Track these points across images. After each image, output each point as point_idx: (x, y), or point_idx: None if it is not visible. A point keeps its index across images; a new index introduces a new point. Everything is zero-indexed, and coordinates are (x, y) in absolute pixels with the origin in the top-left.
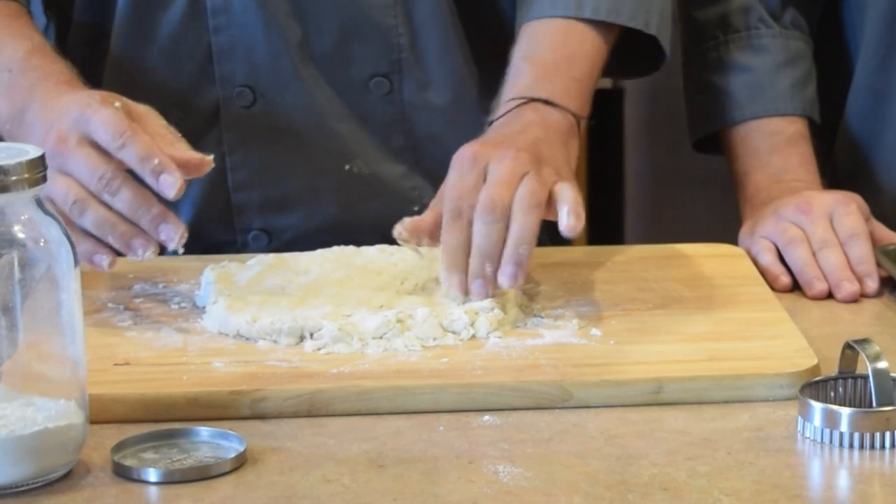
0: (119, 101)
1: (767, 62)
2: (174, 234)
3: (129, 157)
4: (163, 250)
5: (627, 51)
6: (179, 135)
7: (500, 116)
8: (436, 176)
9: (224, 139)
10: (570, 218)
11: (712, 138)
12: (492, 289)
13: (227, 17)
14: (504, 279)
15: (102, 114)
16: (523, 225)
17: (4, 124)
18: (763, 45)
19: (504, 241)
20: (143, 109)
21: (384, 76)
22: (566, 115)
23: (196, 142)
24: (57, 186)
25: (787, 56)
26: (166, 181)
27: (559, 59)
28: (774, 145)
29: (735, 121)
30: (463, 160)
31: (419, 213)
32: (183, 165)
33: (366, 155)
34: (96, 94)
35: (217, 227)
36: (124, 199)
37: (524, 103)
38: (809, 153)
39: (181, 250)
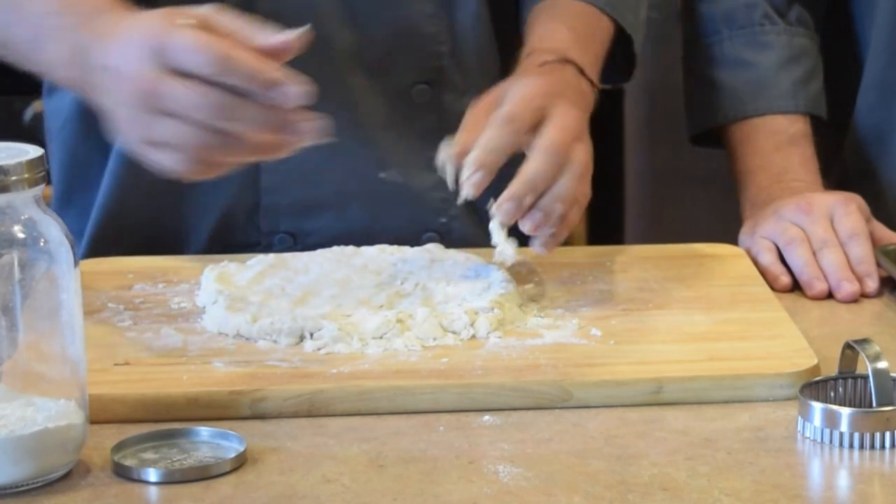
0: (183, 17)
1: (771, 59)
2: (315, 127)
3: (236, 79)
4: None
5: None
6: (252, 21)
7: (542, 64)
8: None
9: None
10: (546, 246)
11: (710, 133)
12: (511, 220)
13: (277, 22)
14: (528, 223)
15: (182, 40)
16: (568, 187)
17: (68, 70)
18: (767, 42)
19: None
20: (206, 11)
21: (426, 83)
22: (590, 87)
23: None
24: (166, 130)
25: (791, 53)
26: (289, 92)
27: (585, 34)
28: (776, 144)
29: (737, 117)
30: (533, 90)
31: (446, 224)
32: (280, 52)
33: (401, 164)
34: (157, 16)
35: (243, 227)
36: (248, 117)
37: (564, 62)
38: (811, 153)
39: (330, 138)
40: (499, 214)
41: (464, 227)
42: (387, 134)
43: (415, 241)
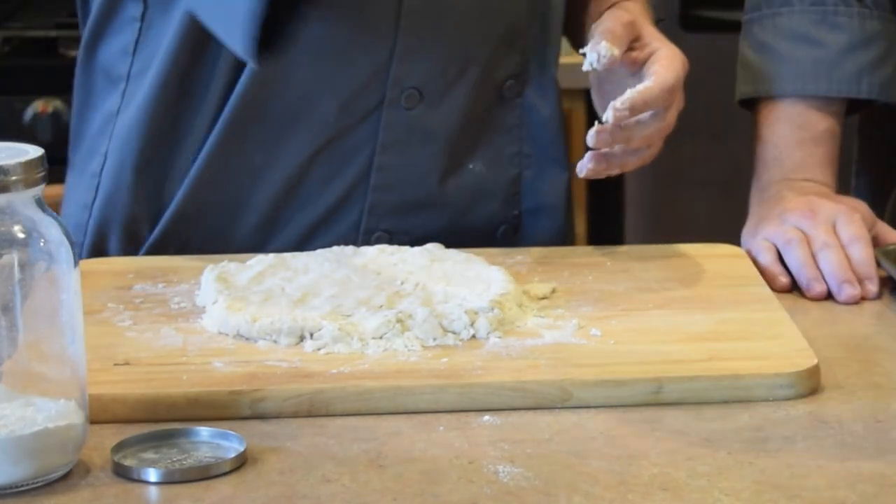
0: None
1: (841, 41)
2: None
3: None
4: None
5: None
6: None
7: (658, 22)
8: (533, 182)
9: (380, 138)
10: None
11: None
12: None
13: (421, 19)
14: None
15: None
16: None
17: None
18: (839, 23)
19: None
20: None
21: (515, 79)
22: None
23: (347, 138)
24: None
25: (861, 37)
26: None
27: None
28: (800, 140)
29: (797, 92)
30: (680, 65)
31: (517, 216)
32: None
33: (485, 157)
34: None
35: (343, 224)
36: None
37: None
38: (833, 154)
39: None
40: (609, 113)
41: (530, 220)
42: (476, 126)
43: (491, 236)
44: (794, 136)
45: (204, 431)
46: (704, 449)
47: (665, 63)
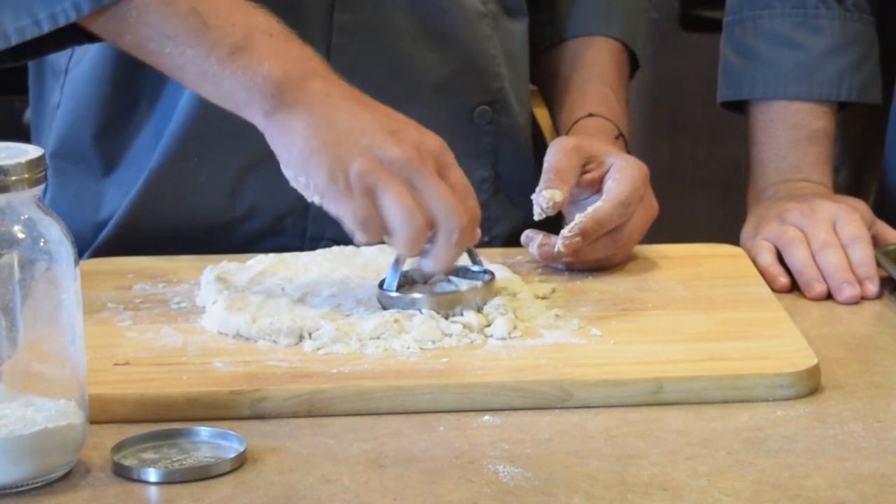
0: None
1: (822, 44)
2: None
3: (453, 224)
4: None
5: None
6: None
7: (617, 137)
8: (508, 208)
9: None
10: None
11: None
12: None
13: (350, 36)
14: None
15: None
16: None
17: (284, 96)
18: (820, 27)
19: None
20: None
21: (488, 105)
22: None
23: None
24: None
25: (843, 40)
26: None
27: (623, 94)
28: (794, 140)
29: (777, 95)
30: (640, 176)
31: (488, 243)
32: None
33: None
34: (427, 136)
35: (290, 231)
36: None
37: (621, 138)
38: (828, 153)
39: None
40: (564, 247)
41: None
42: None
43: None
44: (790, 137)
45: (204, 431)
46: (704, 449)
47: (618, 177)
